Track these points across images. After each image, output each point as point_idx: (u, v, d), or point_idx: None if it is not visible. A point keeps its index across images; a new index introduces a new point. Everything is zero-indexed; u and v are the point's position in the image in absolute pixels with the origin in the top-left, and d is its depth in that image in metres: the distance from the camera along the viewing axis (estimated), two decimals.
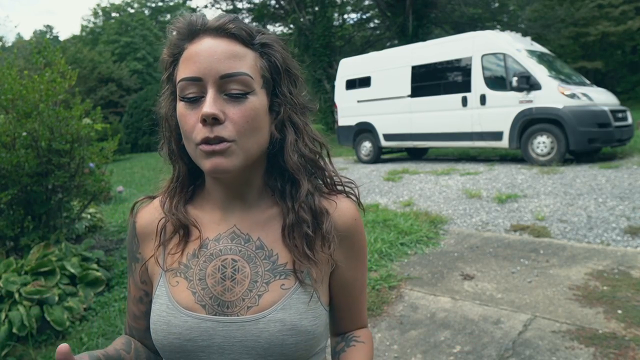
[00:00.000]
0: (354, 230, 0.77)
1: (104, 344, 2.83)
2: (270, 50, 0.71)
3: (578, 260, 3.66)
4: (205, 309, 0.70)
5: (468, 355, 2.45)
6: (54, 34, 51.41)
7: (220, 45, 0.67)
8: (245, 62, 0.68)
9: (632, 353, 2.32)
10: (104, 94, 25.38)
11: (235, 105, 0.67)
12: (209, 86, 0.66)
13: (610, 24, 19.15)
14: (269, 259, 0.72)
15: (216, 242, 0.74)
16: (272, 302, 0.69)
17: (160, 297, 0.74)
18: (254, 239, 0.74)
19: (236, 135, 0.66)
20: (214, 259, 0.73)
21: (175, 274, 0.74)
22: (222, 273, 0.72)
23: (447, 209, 5.47)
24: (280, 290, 0.70)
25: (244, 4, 21.79)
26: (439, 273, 3.62)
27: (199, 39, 0.68)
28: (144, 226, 0.80)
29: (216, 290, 0.71)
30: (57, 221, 3.91)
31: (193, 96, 0.67)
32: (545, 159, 7.35)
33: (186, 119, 0.67)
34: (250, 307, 0.69)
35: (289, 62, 0.74)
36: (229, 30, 0.68)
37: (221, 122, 0.65)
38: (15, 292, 3.00)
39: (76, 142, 3.75)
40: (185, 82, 0.67)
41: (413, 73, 9.09)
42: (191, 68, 0.67)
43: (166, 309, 0.72)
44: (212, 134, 0.65)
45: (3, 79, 3.56)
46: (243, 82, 0.67)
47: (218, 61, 0.66)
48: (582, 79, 8.59)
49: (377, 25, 24.18)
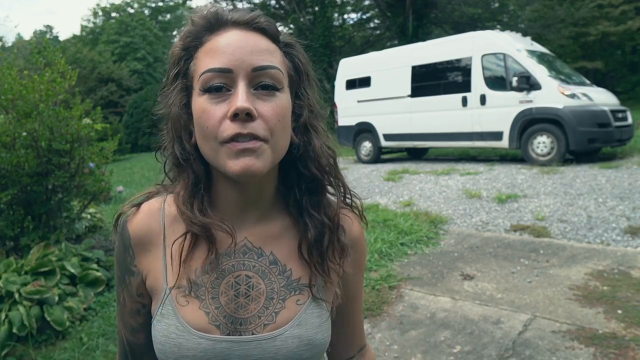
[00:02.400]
0: (360, 244, 0.77)
1: (104, 344, 2.83)
2: (293, 50, 0.69)
3: (578, 260, 3.66)
4: (220, 329, 0.66)
5: (468, 355, 2.45)
6: (54, 34, 51.42)
7: (251, 38, 0.63)
8: (276, 57, 0.65)
9: (632, 353, 2.32)
10: (104, 94, 25.40)
11: (266, 101, 0.62)
12: (240, 79, 0.61)
13: (610, 24, 19.15)
14: (283, 274, 0.70)
15: (227, 256, 0.69)
16: (288, 318, 0.68)
17: (167, 317, 0.68)
18: (267, 254, 0.70)
19: (268, 134, 0.61)
20: (227, 275, 0.68)
21: (184, 292, 0.67)
22: (236, 290, 0.68)
23: (447, 209, 5.47)
24: (295, 306, 0.69)
25: (244, 4, 21.81)
26: (439, 273, 3.62)
27: (225, 31, 0.64)
28: (141, 235, 0.71)
29: (230, 308, 0.67)
30: (57, 221, 3.91)
31: (218, 86, 0.61)
32: (545, 159, 7.35)
33: (209, 114, 0.61)
34: (267, 324, 0.67)
35: (308, 65, 0.71)
36: (259, 24, 0.64)
37: (254, 118, 0.60)
38: (15, 292, 3.00)
39: (76, 142, 3.75)
40: (211, 74, 0.61)
41: (413, 73, 9.09)
42: (219, 59, 0.61)
43: (175, 331, 0.66)
44: (244, 130, 0.59)
45: (3, 79, 3.56)
46: (275, 76, 0.63)
47: (251, 53, 0.62)
48: (582, 79, 8.59)
49: (377, 25, 24.18)
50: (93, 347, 2.81)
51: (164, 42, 41.61)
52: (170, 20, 48.05)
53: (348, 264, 0.73)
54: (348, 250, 0.72)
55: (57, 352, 2.81)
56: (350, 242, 0.74)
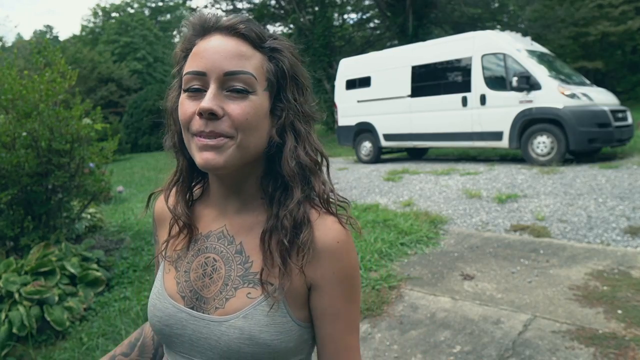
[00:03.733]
0: (336, 253, 0.72)
1: (104, 344, 2.83)
2: (279, 55, 0.72)
3: (578, 260, 3.66)
4: (184, 300, 0.74)
5: (468, 355, 2.45)
6: (54, 34, 51.42)
7: (229, 43, 0.68)
8: (251, 63, 0.69)
9: (632, 353, 2.32)
10: (104, 94, 25.39)
11: (235, 102, 0.67)
12: (212, 82, 0.67)
13: (610, 24, 19.12)
14: (244, 265, 0.73)
15: (205, 238, 0.77)
16: (235, 308, 0.70)
17: (157, 280, 0.81)
18: (237, 242, 0.75)
19: (233, 132, 0.67)
20: (200, 255, 0.76)
21: (170, 262, 0.79)
22: (204, 270, 0.75)
23: (447, 209, 5.47)
24: (245, 299, 0.70)
25: (244, 4, 21.82)
26: (439, 273, 3.62)
27: (209, 36, 0.70)
28: (159, 212, 0.87)
29: (197, 285, 0.75)
30: (57, 221, 3.91)
31: (195, 88, 0.68)
32: (545, 159, 7.35)
33: (185, 109, 0.69)
34: (218, 308, 0.71)
35: (297, 69, 0.74)
36: (238, 30, 0.69)
37: (219, 117, 0.66)
38: (15, 292, 3.00)
39: (76, 142, 3.75)
40: (189, 76, 0.69)
41: (413, 73, 9.09)
42: (197, 63, 0.68)
43: (157, 292, 0.78)
44: (207, 128, 0.66)
45: (3, 79, 3.56)
46: (246, 81, 0.68)
47: (224, 58, 0.67)
48: (582, 79, 8.59)
49: (377, 25, 24.18)
50: (93, 347, 2.81)
51: (164, 42, 41.59)
52: (170, 20, 48.04)
53: (314, 269, 0.71)
54: (308, 248, 0.70)
55: (57, 352, 2.81)
56: (320, 246, 0.71)
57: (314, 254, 0.71)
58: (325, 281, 0.72)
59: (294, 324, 0.71)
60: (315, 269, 0.72)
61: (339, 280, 0.73)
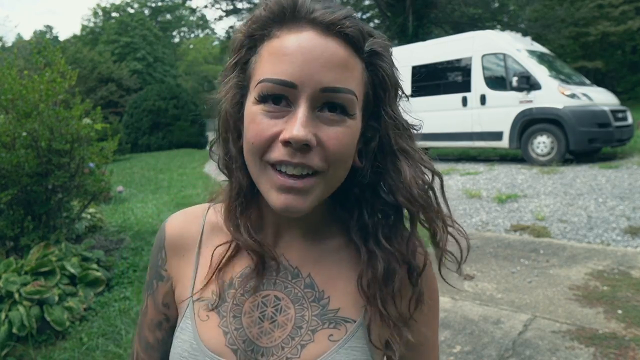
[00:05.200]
0: (425, 279, 0.63)
1: (104, 344, 2.83)
2: (379, 61, 0.56)
3: (578, 260, 3.66)
4: (237, 354, 0.59)
5: (468, 355, 2.45)
6: (54, 34, 51.45)
7: (329, 46, 0.51)
8: (354, 77, 0.53)
9: (632, 353, 2.32)
10: (104, 94, 25.38)
11: (331, 126, 0.52)
12: (303, 98, 0.51)
13: (610, 24, 19.14)
14: (319, 302, 0.60)
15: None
16: (316, 355, 0.57)
17: (184, 332, 0.62)
18: (304, 275, 0.61)
19: (324, 165, 0.52)
20: (254, 294, 0.61)
21: (207, 305, 0.61)
22: (262, 312, 0.60)
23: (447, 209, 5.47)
24: (327, 342, 0.58)
25: (244, 4, 21.81)
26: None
27: (299, 30, 0.52)
28: (176, 237, 0.66)
29: (252, 332, 0.59)
30: (57, 221, 3.91)
31: (278, 96, 0.52)
32: (545, 159, 7.35)
33: (259, 129, 0.52)
34: (290, 358, 0.58)
35: (397, 77, 0.59)
36: (343, 29, 0.52)
37: (311, 148, 0.51)
38: (15, 292, 3.00)
39: (76, 142, 3.75)
40: (270, 84, 0.51)
41: (413, 73, 9.09)
42: (284, 68, 0.51)
43: (189, 349, 0.60)
44: (294, 159, 0.51)
45: (3, 79, 3.56)
46: (347, 101, 0.52)
47: (322, 67, 0.51)
48: (582, 79, 8.60)
49: (377, 25, 24.16)
50: (93, 347, 2.81)
51: (164, 42, 41.62)
52: (170, 20, 48.07)
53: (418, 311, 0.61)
54: (422, 298, 0.60)
55: (57, 352, 2.81)
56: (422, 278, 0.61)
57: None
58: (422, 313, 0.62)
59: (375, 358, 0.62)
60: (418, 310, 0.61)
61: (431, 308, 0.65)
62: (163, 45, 40.48)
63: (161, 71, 37.93)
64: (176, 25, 49.46)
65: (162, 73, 37.66)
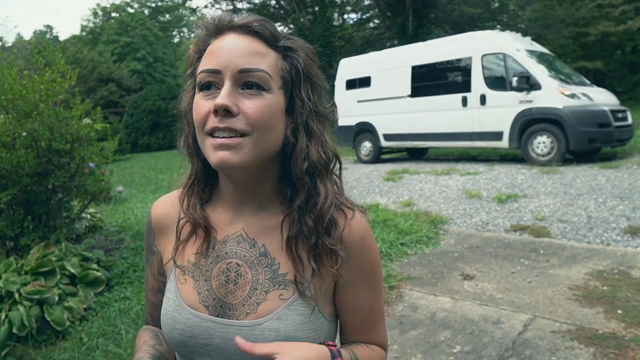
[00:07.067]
0: (362, 248, 0.75)
1: (104, 344, 2.83)
2: (293, 54, 0.72)
3: (578, 260, 3.66)
4: (208, 309, 0.73)
5: (468, 355, 2.45)
6: (54, 34, 51.43)
7: (243, 41, 0.68)
8: (265, 61, 0.68)
9: (632, 353, 2.32)
10: (104, 94, 25.39)
11: (251, 99, 0.67)
12: (227, 79, 0.67)
13: (610, 24, 19.12)
14: (271, 267, 0.72)
15: (223, 244, 0.75)
16: (268, 311, 0.70)
17: (170, 292, 0.77)
18: (259, 245, 0.74)
19: (249, 129, 0.66)
20: (220, 261, 0.74)
21: (184, 271, 0.76)
22: (226, 276, 0.73)
23: (447, 209, 5.47)
24: (277, 300, 0.70)
25: (244, 4, 21.81)
26: (439, 273, 3.62)
27: (224, 35, 0.70)
28: (159, 219, 0.83)
29: (220, 292, 0.73)
30: (57, 221, 3.91)
31: (209, 84, 0.68)
32: (545, 159, 7.35)
33: (199, 108, 0.68)
34: (249, 313, 0.71)
35: (311, 68, 0.74)
36: (252, 28, 0.69)
37: (234, 114, 0.66)
38: (15, 292, 3.00)
39: (76, 142, 3.75)
40: (204, 74, 0.68)
41: (413, 73, 9.09)
42: (212, 61, 0.68)
43: (173, 304, 0.75)
44: (222, 124, 0.65)
45: (3, 79, 3.56)
46: (260, 78, 0.67)
47: (238, 56, 0.67)
48: (582, 79, 8.59)
49: (377, 25, 24.17)
50: (93, 347, 2.81)
51: (164, 42, 41.59)
52: (170, 20, 48.03)
53: (343, 267, 0.72)
54: (338, 249, 0.71)
55: (57, 352, 2.81)
56: (348, 245, 0.73)
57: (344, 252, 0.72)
58: (352, 276, 0.75)
59: (324, 320, 0.74)
60: (345, 267, 0.73)
61: (365, 274, 0.76)
62: (163, 45, 40.46)
63: (161, 71, 37.92)
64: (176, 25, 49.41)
65: (162, 73, 37.65)
